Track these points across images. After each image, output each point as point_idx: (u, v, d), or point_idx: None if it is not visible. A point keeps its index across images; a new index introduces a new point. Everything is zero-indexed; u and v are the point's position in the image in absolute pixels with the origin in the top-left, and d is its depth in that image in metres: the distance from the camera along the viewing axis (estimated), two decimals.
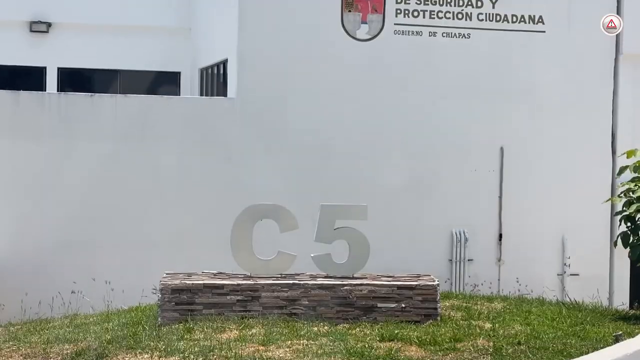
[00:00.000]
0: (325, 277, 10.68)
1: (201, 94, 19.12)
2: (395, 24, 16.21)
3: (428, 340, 9.23)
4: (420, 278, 10.82)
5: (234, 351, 8.69)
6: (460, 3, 16.38)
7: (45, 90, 19.30)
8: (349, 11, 16.02)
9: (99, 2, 19.67)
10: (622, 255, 13.74)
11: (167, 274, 10.80)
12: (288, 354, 8.66)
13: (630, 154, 11.58)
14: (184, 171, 15.53)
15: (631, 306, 14.67)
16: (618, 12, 16.76)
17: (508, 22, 16.54)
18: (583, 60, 16.84)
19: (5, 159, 15.06)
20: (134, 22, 19.77)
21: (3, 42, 19.42)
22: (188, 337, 9.30)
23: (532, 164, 16.68)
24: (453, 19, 16.39)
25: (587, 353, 8.56)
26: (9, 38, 19.49)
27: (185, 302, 10.13)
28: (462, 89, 16.43)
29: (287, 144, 15.85)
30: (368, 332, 9.61)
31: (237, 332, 9.43)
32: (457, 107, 16.39)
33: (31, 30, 19.55)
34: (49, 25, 19.58)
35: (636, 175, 11.37)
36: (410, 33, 16.28)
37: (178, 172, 15.52)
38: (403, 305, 10.31)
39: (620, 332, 9.17)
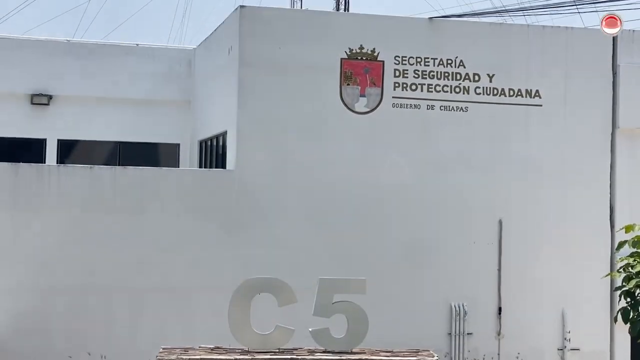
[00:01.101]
0: (324, 351, 10.60)
1: (200, 166, 19.19)
2: (393, 97, 16.34)
3: None
4: (419, 353, 10.75)
5: None
6: (458, 77, 16.54)
7: (45, 162, 19.41)
8: (348, 85, 16.17)
9: (99, 75, 19.87)
10: (623, 330, 13.65)
11: (163, 348, 10.71)
12: None
13: (628, 229, 11.59)
14: (182, 242, 15.50)
15: None
16: (613, 88, 16.96)
17: (505, 95, 16.68)
18: (580, 133, 16.95)
19: (5, 231, 15.04)
20: (134, 94, 19.96)
21: (4, 114, 19.59)
22: None
23: (531, 236, 16.66)
24: (451, 92, 16.53)
25: None
26: (10, 110, 19.66)
27: None
28: (460, 161, 16.49)
29: (285, 216, 15.85)
30: None
31: None
32: (456, 179, 16.43)
33: (32, 103, 19.72)
34: (49, 97, 19.75)
35: (635, 250, 11.36)
36: (409, 106, 16.40)
37: (176, 243, 15.48)
38: None
39: None
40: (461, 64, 16.56)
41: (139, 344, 14.56)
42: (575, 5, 16.10)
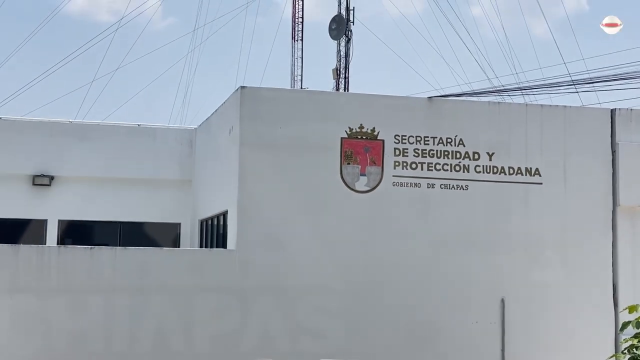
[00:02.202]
0: None
1: (201, 245, 19.15)
2: (393, 176, 16.39)
3: None
4: None
5: None
6: (458, 155, 16.62)
7: (45, 242, 19.38)
8: (348, 164, 16.23)
9: (100, 155, 19.99)
10: None
11: None
12: None
13: (632, 309, 11.46)
14: (183, 321, 15.38)
15: None
16: (613, 166, 17.03)
17: (505, 174, 16.74)
18: (581, 211, 16.96)
19: (5, 313, 14.92)
20: (135, 174, 20.05)
21: (6, 195, 19.66)
22: None
23: (534, 316, 16.53)
24: (451, 170, 16.59)
25: None
26: (11, 191, 19.73)
27: None
28: (461, 239, 16.47)
29: (286, 295, 15.75)
30: None
31: None
32: (457, 258, 16.39)
33: (34, 184, 19.79)
34: (51, 178, 19.83)
35: (639, 331, 11.22)
36: (409, 185, 16.44)
37: (177, 323, 15.36)
38: None
39: None
40: (461, 142, 16.66)
41: None
42: (573, 84, 16.27)
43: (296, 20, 30.36)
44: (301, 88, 28.98)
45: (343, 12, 28.53)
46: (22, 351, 14.85)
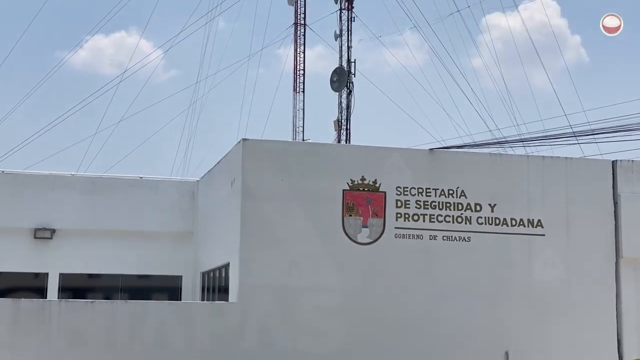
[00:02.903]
0: None
1: (202, 298, 19.05)
2: (395, 228, 16.36)
3: None
4: None
5: None
6: (460, 207, 16.60)
7: (46, 296, 19.29)
8: (350, 216, 16.21)
9: (102, 208, 19.99)
10: None
11: None
12: None
13: None
14: None
15: None
16: (615, 218, 17.02)
17: (507, 225, 16.70)
18: (584, 263, 16.90)
19: None
20: (137, 227, 20.02)
21: (7, 248, 19.62)
22: None
23: None
24: (453, 222, 16.56)
25: None
26: (13, 245, 19.69)
27: None
28: (464, 291, 16.39)
29: (289, 347, 15.62)
30: None
31: None
32: (460, 309, 16.29)
33: (35, 237, 19.76)
34: (52, 232, 19.80)
35: None
36: (411, 236, 16.40)
37: None
38: None
39: None
40: (462, 194, 16.65)
41: None
42: (575, 136, 16.31)
43: (297, 72, 30.52)
44: (303, 140, 29.05)
45: (344, 64, 28.71)
46: None
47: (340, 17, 29.01)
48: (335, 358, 15.70)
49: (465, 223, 16.59)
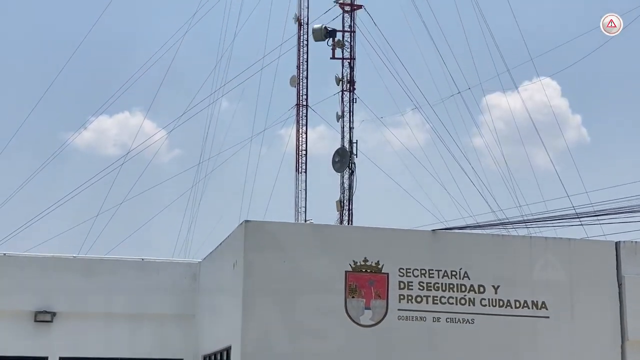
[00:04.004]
0: None
1: None
2: (399, 310, 16.24)
3: None
4: None
5: None
6: (463, 288, 16.50)
7: None
8: (353, 297, 16.11)
9: (103, 290, 19.89)
10: None
11: None
12: None
13: None
14: None
15: None
16: (620, 299, 16.91)
17: (511, 307, 16.58)
18: (589, 345, 16.71)
19: None
20: (138, 309, 19.91)
21: (7, 332, 19.45)
22: None
23: None
24: (456, 304, 16.44)
25: None
26: (13, 328, 19.51)
27: None
28: None
29: None
30: None
31: None
32: None
33: (36, 320, 19.62)
34: (53, 314, 19.66)
35: None
36: (414, 318, 16.27)
37: None
38: None
39: None
40: (465, 275, 16.57)
41: None
42: (578, 217, 16.31)
43: (300, 152, 30.70)
44: (305, 220, 29.07)
45: (346, 145, 28.91)
46: None
47: (342, 98, 29.37)
48: None
49: (469, 305, 16.47)
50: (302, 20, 30.84)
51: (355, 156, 28.70)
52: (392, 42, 28.72)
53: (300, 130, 30.53)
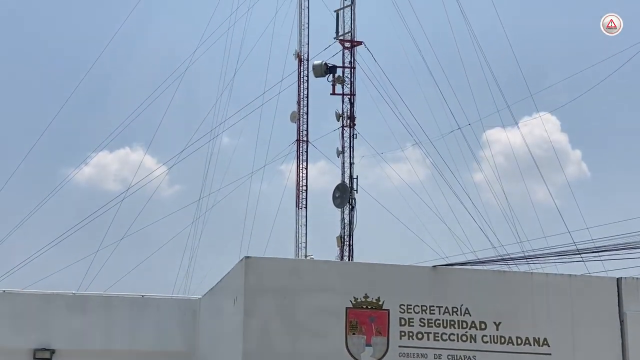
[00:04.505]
0: None
1: None
2: (399, 347, 16.14)
3: None
4: None
5: None
6: (464, 325, 16.42)
7: None
8: (353, 334, 16.03)
9: (103, 327, 19.81)
10: None
11: None
12: None
13: None
14: None
15: None
16: (621, 337, 16.81)
17: (513, 344, 16.48)
18: None
19: None
20: (137, 346, 19.80)
21: None
22: None
23: None
24: (457, 341, 16.35)
25: None
26: None
27: None
28: None
29: None
30: None
31: None
32: None
33: (35, 358, 19.50)
34: (52, 352, 19.55)
35: None
36: (416, 355, 16.18)
37: None
38: None
39: None
40: (467, 312, 16.49)
41: None
42: (579, 253, 16.28)
43: (300, 188, 30.72)
44: (306, 256, 29.03)
45: (346, 180, 28.93)
46: None
47: (343, 134, 29.43)
48: None
49: (470, 342, 16.38)
50: (302, 56, 31.02)
51: (355, 192, 28.71)
52: (392, 78, 28.84)
53: (301, 166, 30.60)
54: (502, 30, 30.19)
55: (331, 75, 29.26)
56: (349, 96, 29.32)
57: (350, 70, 29.12)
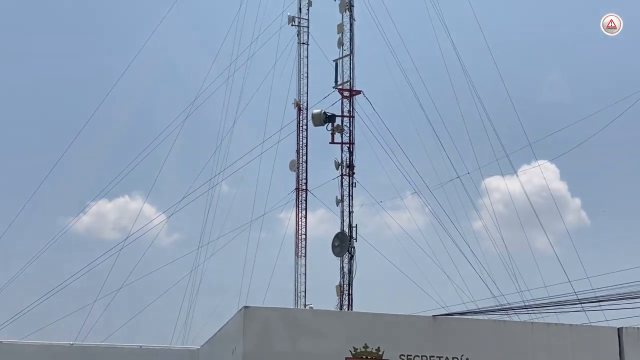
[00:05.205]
0: None
1: None
2: None
3: None
4: None
5: None
6: None
7: None
8: None
9: None
10: None
11: None
12: None
13: None
14: None
15: None
16: None
17: None
18: None
19: None
20: None
21: None
22: None
23: None
24: None
25: None
26: None
27: None
28: None
29: None
30: None
31: None
32: None
33: None
34: None
35: None
36: None
37: None
38: None
39: None
40: None
41: None
42: (580, 302, 16.20)
43: (299, 236, 30.63)
44: (305, 305, 28.85)
45: (346, 229, 28.84)
46: None
47: (342, 182, 29.37)
48: None
49: None
50: (301, 105, 31.12)
51: (355, 240, 28.61)
52: (391, 127, 28.90)
53: (300, 215, 30.53)
54: (500, 80, 30.33)
55: (330, 124, 29.31)
56: (348, 145, 29.33)
57: (349, 119, 29.16)
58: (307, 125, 30.79)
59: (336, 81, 29.43)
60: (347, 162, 29.33)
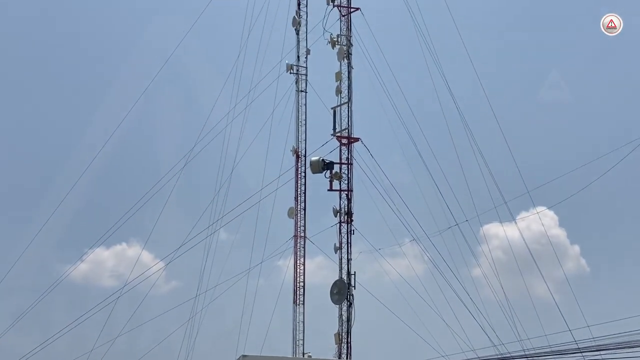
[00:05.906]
0: None
1: None
2: None
3: None
4: None
5: None
6: None
7: None
8: None
9: None
10: None
11: None
12: None
13: None
14: None
15: None
16: None
17: None
18: None
19: None
20: None
21: None
22: None
23: None
24: None
25: None
26: None
27: None
28: None
29: None
30: None
31: None
32: None
33: None
34: None
35: None
36: None
37: None
38: None
39: None
40: None
41: None
42: (580, 351, 16.09)
43: (297, 284, 30.48)
44: (303, 354, 28.61)
45: (344, 276, 28.72)
46: None
47: (340, 230, 29.33)
48: None
49: None
50: (299, 153, 31.15)
51: (353, 288, 28.47)
52: (389, 174, 28.93)
53: (298, 262, 30.41)
54: (499, 129, 30.41)
55: (328, 171, 29.34)
56: (346, 192, 29.34)
57: (348, 167, 29.20)
58: (305, 172, 30.81)
59: (334, 128, 29.54)
60: (346, 210, 29.31)
